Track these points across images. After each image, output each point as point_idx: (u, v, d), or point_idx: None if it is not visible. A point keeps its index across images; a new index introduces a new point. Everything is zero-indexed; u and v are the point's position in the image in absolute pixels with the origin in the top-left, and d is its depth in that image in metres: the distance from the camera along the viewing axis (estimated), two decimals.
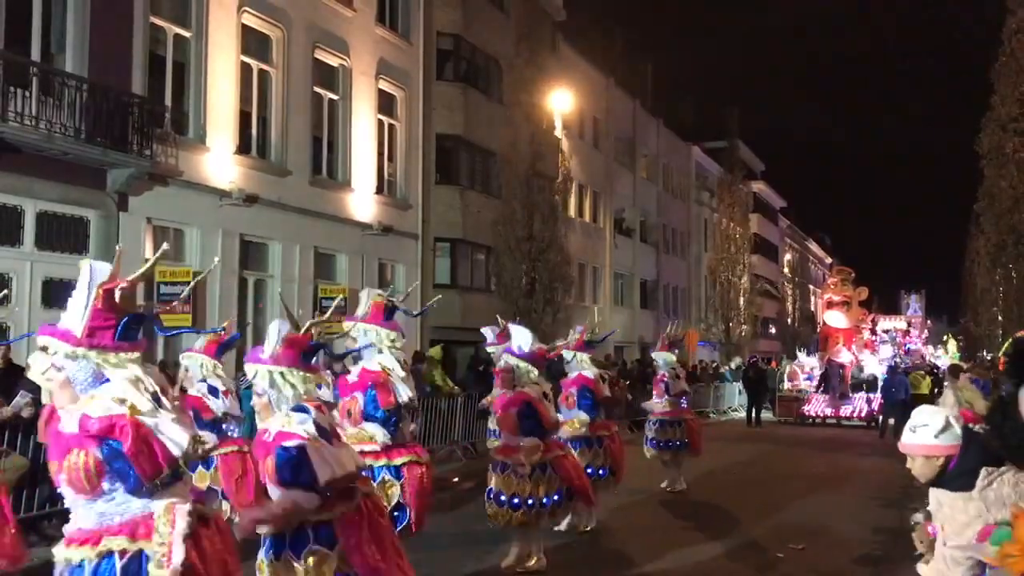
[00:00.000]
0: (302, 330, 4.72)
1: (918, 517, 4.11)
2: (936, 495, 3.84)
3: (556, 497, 7.52)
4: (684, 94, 47.72)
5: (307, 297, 18.68)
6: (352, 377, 6.29)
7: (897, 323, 44.11)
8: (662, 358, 12.74)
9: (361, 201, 20.64)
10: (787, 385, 28.45)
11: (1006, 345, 4.12)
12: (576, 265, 29.51)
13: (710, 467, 15.89)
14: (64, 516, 8.76)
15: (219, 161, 16.67)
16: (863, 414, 25.18)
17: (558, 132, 25.96)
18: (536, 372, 7.75)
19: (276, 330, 4.63)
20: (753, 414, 25.70)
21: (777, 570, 8.26)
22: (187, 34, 16.31)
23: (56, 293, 13.66)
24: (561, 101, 25.39)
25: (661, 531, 9.99)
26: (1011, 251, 29.87)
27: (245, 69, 17.61)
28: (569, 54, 29.77)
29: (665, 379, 12.51)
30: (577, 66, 30.83)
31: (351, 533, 4.37)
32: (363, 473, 5.59)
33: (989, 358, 27.91)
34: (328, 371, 7.07)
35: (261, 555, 4.39)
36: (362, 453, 5.73)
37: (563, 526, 9.24)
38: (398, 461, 6.15)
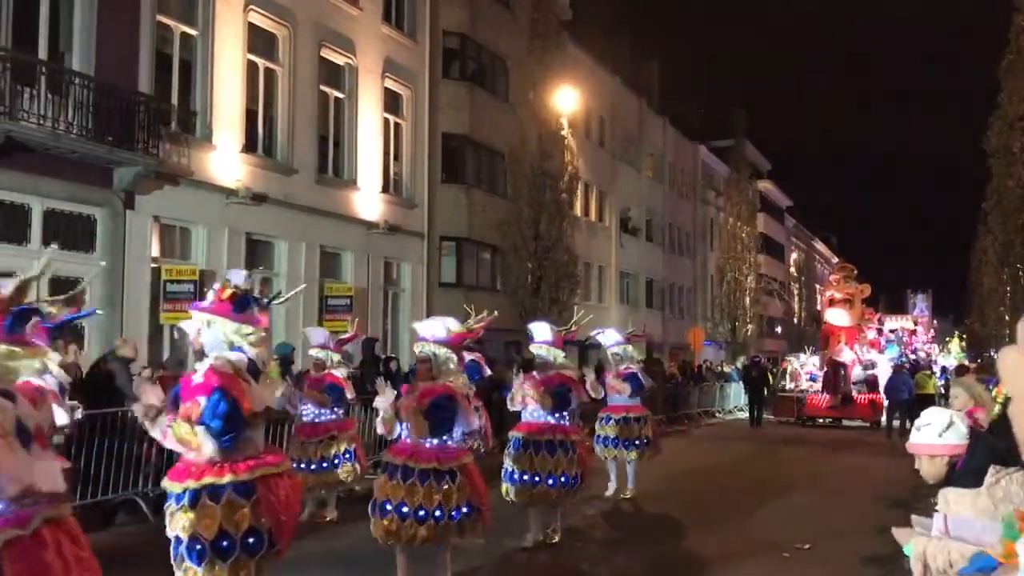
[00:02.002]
0: (7, 291, 3.79)
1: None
2: (944, 493, 3.82)
3: (465, 510, 6.48)
4: (690, 93, 47.64)
5: (313, 296, 18.69)
6: (197, 377, 5.10)
7: (904, 323, 44.00)
8: (625, 351, 11.69)
9: (367, 200, 20.65)
10: (789, 385, 28.17)
11: None
12: (582, 264, 29.48)
13: (714, 465, 15.91)
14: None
15: (225, 159, 16.70)
16: (867, 414, 24.82)
17: (564, 131, 25.93)
18: (456, 360, 6.76)
19: None
20: (755, 414, 25.36)
21: (784, 569, 8.24)
22: (194, 32, 16.34)
23: (63, 291, 13.68)
24: (567, 100, 25.37)
25: (664, 529, 9.98)
26: (1019, 251, 29.75)
27: (251, 68, 17.63)
28: (575, 53, 29.74)
29: (631, 371, 11.53)
30: (583, 65, 30.80)
31: (21, 569, 3.37)
32: (182, 497, 4.81)
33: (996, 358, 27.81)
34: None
35: None
36: (200, 468, 4.84)
37: (556, 537, 8.90)
38: (246, 476, 4.92)
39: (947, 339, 45.54)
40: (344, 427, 10.02)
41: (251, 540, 4.80)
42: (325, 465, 9.66)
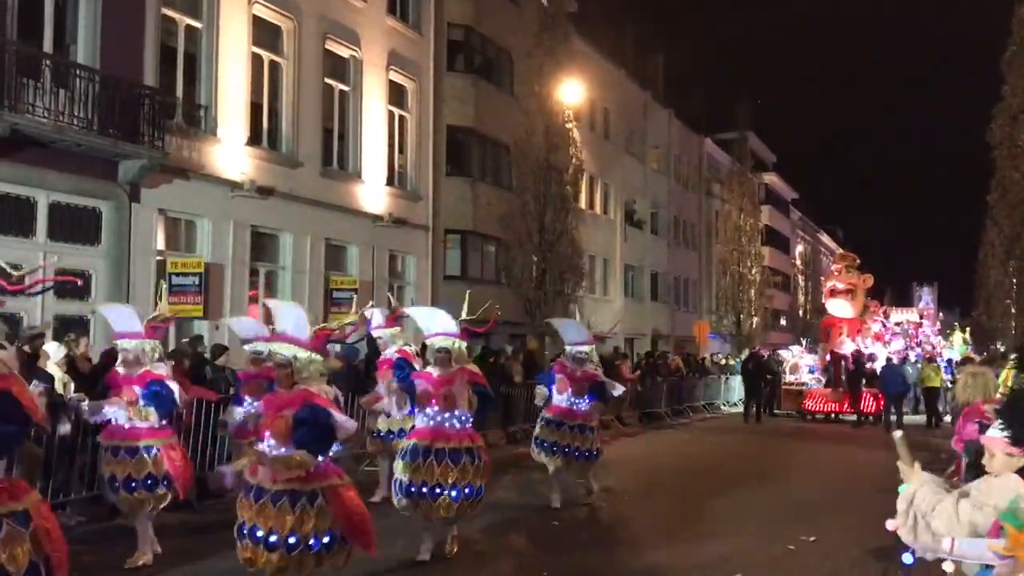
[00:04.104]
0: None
1: (898, 434, 3.95)
2: (988, 479, 3.66)
3: (327, 539, 5.53)
4: (695, 86, 47.44)
5: (318, 289, 18.72)
6: None
7: (909, 315, 43.52)
8: (591, 352, 10.60)
9: (372, 192, 20.65)
10: (789, 378, 27.71)
11: None
12: (586, 257, 29.44)
13: (717, 458, 15.91)
14: (77, 505, 8.77)
15: (230, 152, 16.70)
16: (871, 409, 24.19)
17: (570, 124, 25.89)
18: (320, 361, 5.85)
19: None
20: (753, 409, 24.01)
21: (789, 562, 8.24)
22: (198, 25, 16.34)
23: (69, 284, 13.73)
24: (572, 93, 25.32)
25: (668, 522, 9.98)
26: None
27: (256, 60, 17.63)
28: (580, 46, 29.65)
29: (599, 379, 10.50)
30: (588, 57, 30.75)
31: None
32: None
33: (1003, 350, 27.70)
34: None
35: None
36: None
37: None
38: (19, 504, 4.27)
39: (948, 331, 45.12)
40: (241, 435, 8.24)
41: None
42: None
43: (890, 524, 3.71)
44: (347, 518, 5.60)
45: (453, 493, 7.44)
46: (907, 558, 3.98)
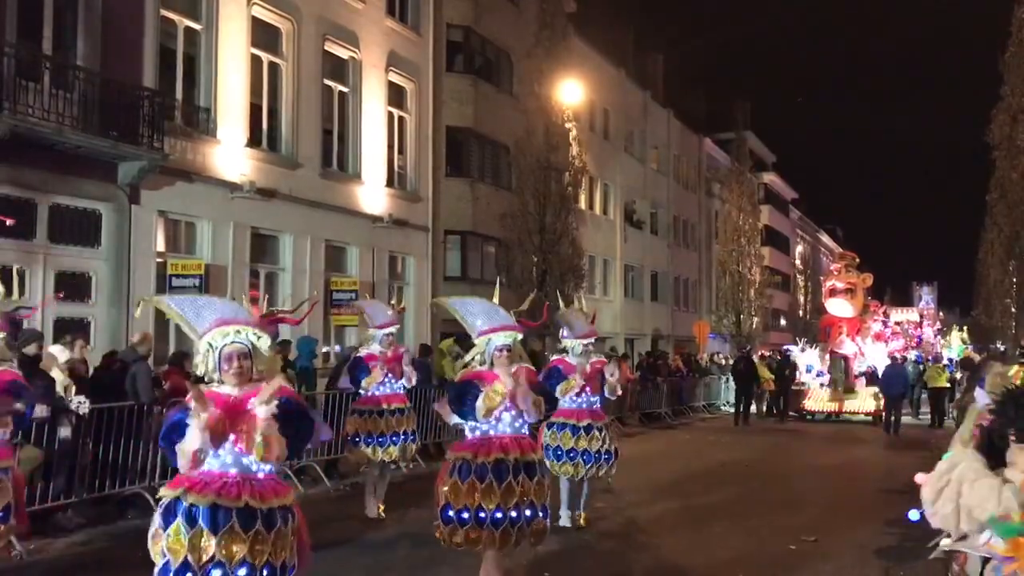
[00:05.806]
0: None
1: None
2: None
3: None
4: (695, 86, 47.49)
5: (318, 290, 18.71)
6: None
7: (910, 315, 43.51)
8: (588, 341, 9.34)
9: (371, 193, 20.66)
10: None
11: None
12: (587, 257, 29.41)
13: (716, 458, 15.90)
14: (78, 507, 8.78)
15: (230, 154, 16.71)
16: (871, 410, 24.11)
17: (569, 124, 25.90)
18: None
19: None
20: (743, 410, 23.54)
21: (790, 562, 8.24)
22: (198, 27, 16.34)
23: (69, 286, 13.73)
24: (572, 93, 25.32)
25: (668, 522, 9.98)
26: None
27: (255, 62, 17.63)
28: (580, 46, 29.65)
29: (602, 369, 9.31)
30: (588, 58, 30.75)
31: None
32: None
33: (1003, 349, 27.71)
34: None
35: None
36: None
37: None
38: None
39: (943, 330, 45.09)
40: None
41: None
42: None
43: (919, 477, 3.69)
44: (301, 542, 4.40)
45: (541, 513, 6.20)
46: (913, 514, 3.95)
